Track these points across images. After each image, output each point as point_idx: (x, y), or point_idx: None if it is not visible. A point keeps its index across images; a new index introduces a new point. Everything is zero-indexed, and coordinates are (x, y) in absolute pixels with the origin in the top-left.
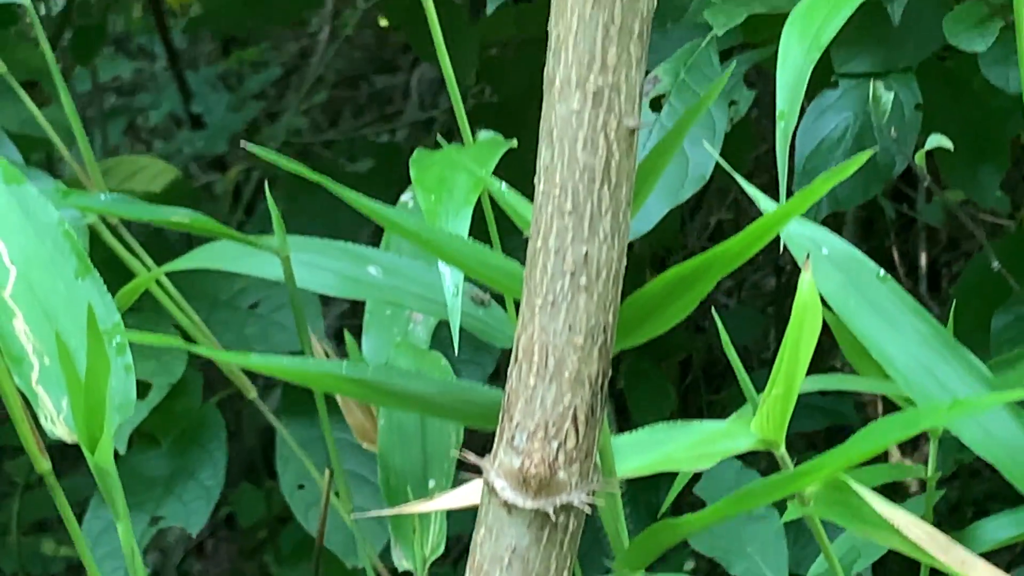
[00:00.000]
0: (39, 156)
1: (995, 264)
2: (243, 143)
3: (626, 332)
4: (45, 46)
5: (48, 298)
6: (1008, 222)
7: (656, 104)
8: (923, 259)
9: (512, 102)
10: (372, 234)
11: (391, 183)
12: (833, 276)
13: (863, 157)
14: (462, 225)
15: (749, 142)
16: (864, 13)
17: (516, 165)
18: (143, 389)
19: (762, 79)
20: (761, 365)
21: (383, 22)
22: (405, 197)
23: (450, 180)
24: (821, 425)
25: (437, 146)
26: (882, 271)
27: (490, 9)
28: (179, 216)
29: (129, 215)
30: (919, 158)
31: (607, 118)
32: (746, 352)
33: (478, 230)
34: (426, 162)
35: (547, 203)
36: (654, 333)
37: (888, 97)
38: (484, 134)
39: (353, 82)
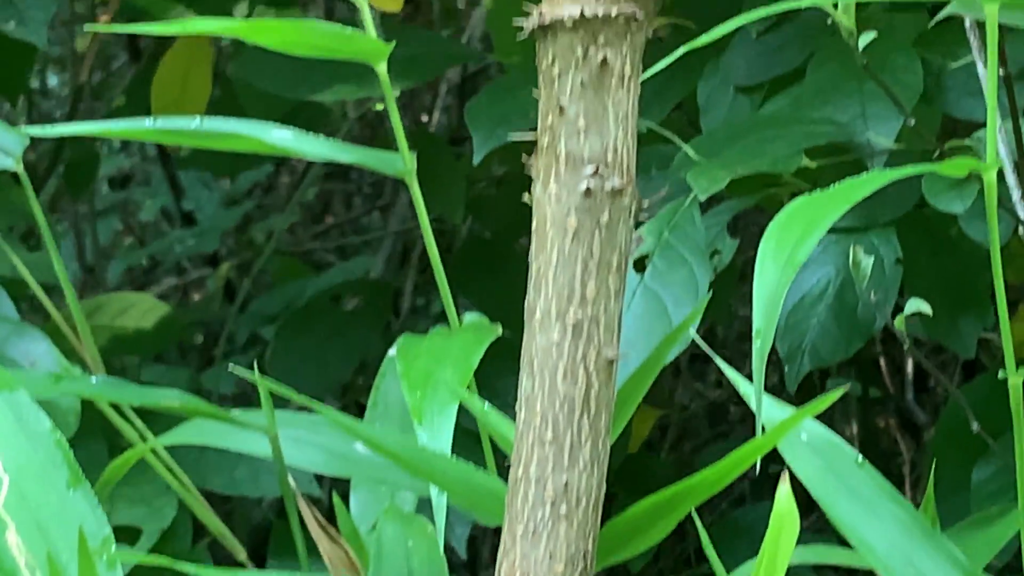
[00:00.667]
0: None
1: (974, 425)
2: None
3: (605, 554)
4: (33, 203)
5: (40, 509)
6: None
7: (640, 264)
8: (909, 363)
9: (502, 237)
10: (357, 371)
11: (380, 318)
12: (811, 462)
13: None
14: (447, 424)
15: (731, 284)
16: (844, 170)
17: (507, 305)
18: (134, 535)
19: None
20: None
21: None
22: (393, 351)
23: (436, 375)
24: None
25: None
26: (860, 457)
27: (477, 160)
28: (170, 399)
29: (120, 399)
30: (898, 322)
31: (587, 349)
32: None
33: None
34: (412, 353)
35: (528, 432)
36: (633, 553)
37: (868, 261)
38: (469, 317)
39: (344, 173)
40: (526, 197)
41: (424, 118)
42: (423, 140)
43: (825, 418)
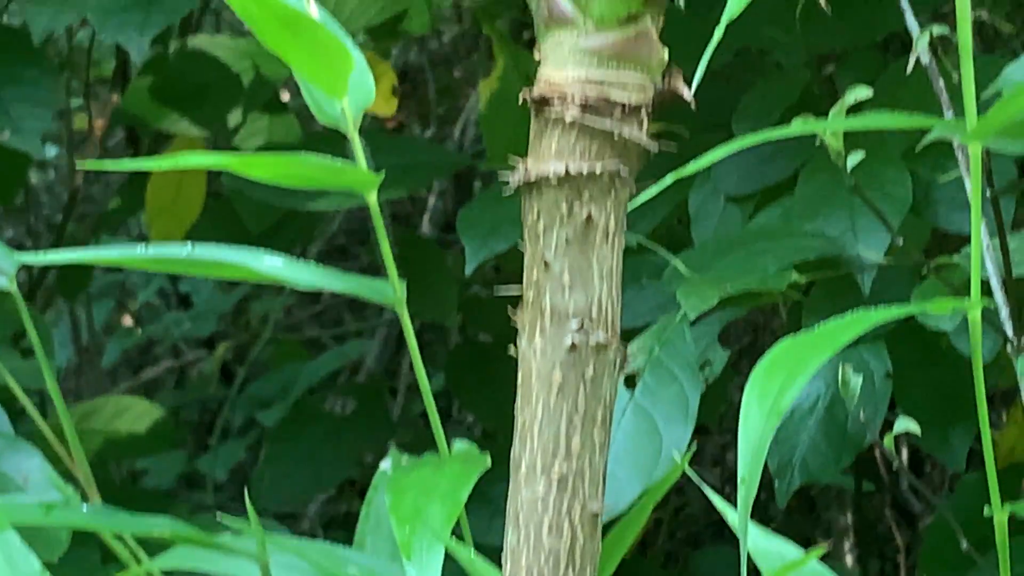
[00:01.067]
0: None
1: (963, 544)
2: None
3: None
4: (26, 318)
5: None
6: None
7: (630, 381)
8: (904, 451)
9: (497, 339)
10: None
11: (375, 424)
12: None
13: None
14: (435, 561)
15: (721, 396)
16: (835, 283)
17: (502, 408)
18: None
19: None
20: None
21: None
22: (384, 465)
23: (424, 510)
24: None
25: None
26: None
27: (469, 270)
28: (161, 528)
29: (111, 529)
30: (887, 441)
31: (571, 503)
32: None
33: None
34: (401, 485)
35: None
36: None
37: (857, 380)
38: (459, 445)
39: (343, 252)
40: (512, 350)
41: (419, 200)
42: (414, 244)
43: (822, 506)
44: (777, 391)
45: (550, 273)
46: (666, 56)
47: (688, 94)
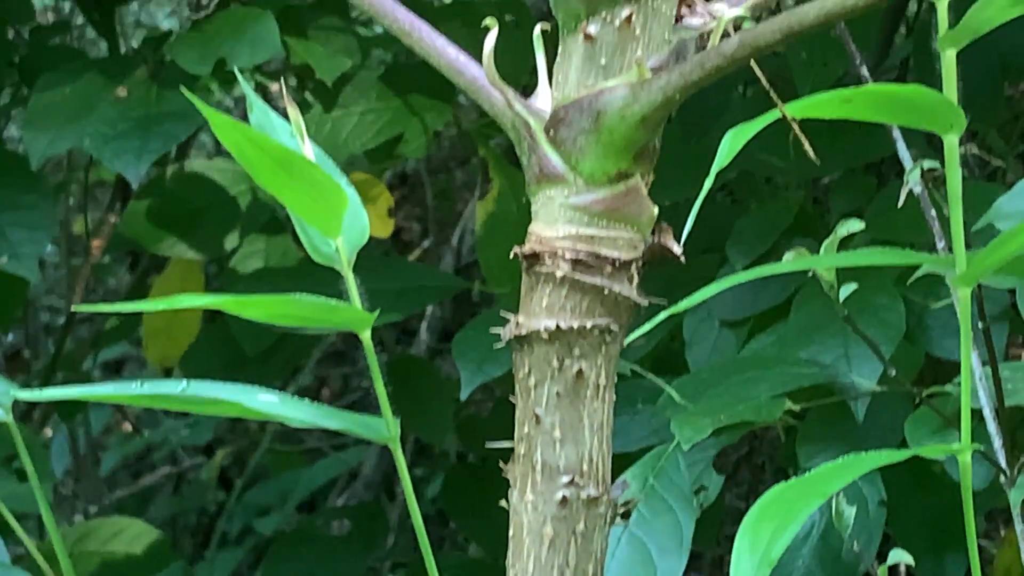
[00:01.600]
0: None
1: None
2: None
3: None
4: (22, 450)
5: None
6: None
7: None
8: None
9: (492, 461)
10: None
11: (372, 545)
12: None
13: None
14: None
15: (715, 521)
16: (828, 409)
17: (496, 531)
18: None
19: None
20: None
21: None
22: None
23: None
24: None
25: None
26: None
27: (464, 395)
28: None
29: None
30: (881, 572)
31: None
32: None
33: None
34: None
35: None
36: None
37: (850, 511)
38: None
39: (340, 357)
40: (503, 502)
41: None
42: (410, 364)
43: None
44: (768, 540)
45: (541, 427)
46: (656, 212)
47: (678, 249)
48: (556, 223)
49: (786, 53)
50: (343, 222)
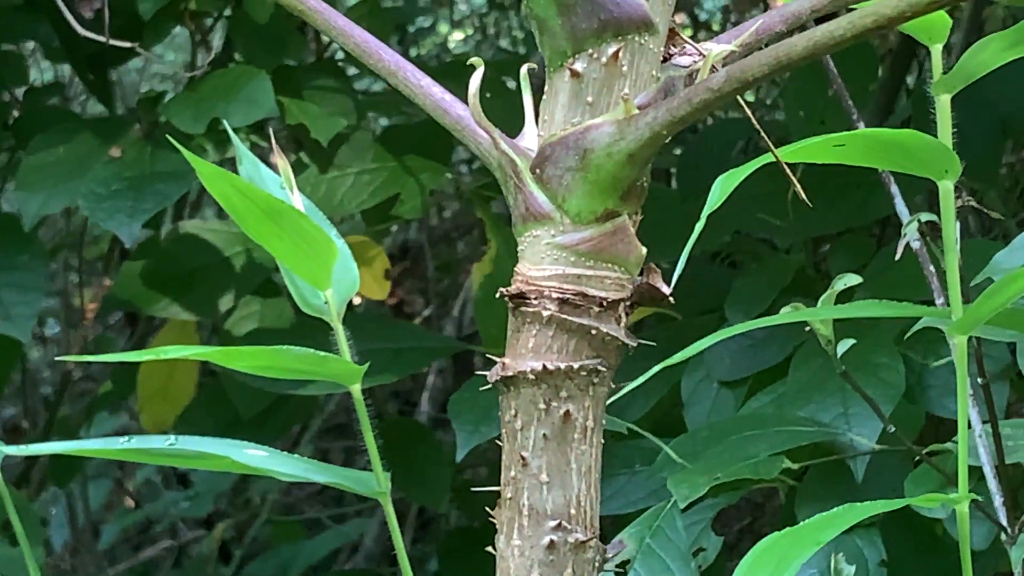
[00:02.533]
0: None
1: None
2: None
3: None
4: (10, 509)
5: None
6: None
7: (622, 569)
8: None
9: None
10: None
11: None
12: None
13: None
14: None
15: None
16: (828, 468)
17: None
18: None
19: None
20: None
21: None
22: None
23: None
24: None
25: None
26: None
27: (459, 457)
28: None
29: None
30: None
31: None
32: None
33: None
34: None
35: None
36: None
37: (850, 570)
38: None
39: (341, 430)
40: (490, 548)
41: (419, 377)
42: (408, 429)
43: None
44: None
45: (528, 470)
46: (644, 252)
47: (667, 289)
48: (542, 262)
49: (784, 113)
50: (333, 273)
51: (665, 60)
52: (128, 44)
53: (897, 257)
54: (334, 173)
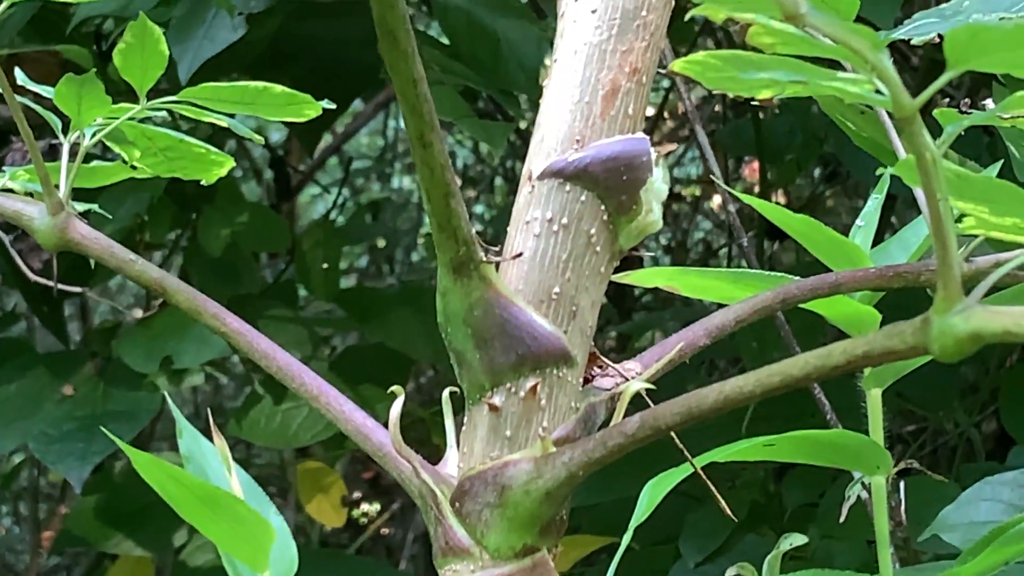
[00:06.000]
0: None
1: None
2: None
3: None
4: None
5: None
6: None
7: None
8: None
9: None
10: None
11: None
12: None
13: None
14: None
15: None
16: None
17: None
18: None
19: None
20: None
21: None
22: None
23: None
24: None
25: None
26: None
27: None
28: None
29: None
30: None
31: None
32: None
33: None
34: None
35: None
36: None
37: None
38: None
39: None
40: None
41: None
42: None
43: None
44: None
45: None
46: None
47: None
48: None
49: (738, 342)
50: (270, 554)
51: (587, 381)
52: (77, 289)
53: (841, 520)
54: (289, 404)
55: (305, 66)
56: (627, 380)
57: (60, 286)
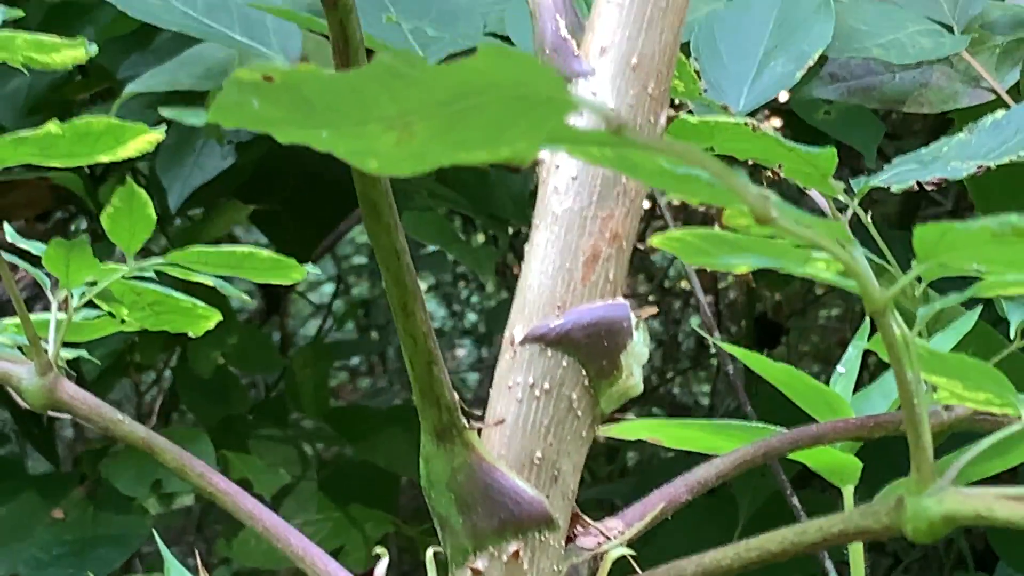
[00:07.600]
0: None
1: None
2: None
3: None
4: None
5: None
6: None
7: None
8: None
9: None
10: None
11: None
12: None
13: None
14: None
15: None
16: None
17: None
18: None
19: None
20: None
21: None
22: None
23: None
24: None
25: None
26: None
27: None
28: None
29: None
30: None
31: None
32: None
33: None
34: None
35: None
36: None
37: None
38: None
39: None
40: None
41: None
42: None
43: None
44: None
45: None
46: None
47: None
48: None
49: None
50: None
51: (570, 540)
52: (66, 415)
53: None
54: None
55: (295, 184)
56: (609, 539)
57: (51, 413)
